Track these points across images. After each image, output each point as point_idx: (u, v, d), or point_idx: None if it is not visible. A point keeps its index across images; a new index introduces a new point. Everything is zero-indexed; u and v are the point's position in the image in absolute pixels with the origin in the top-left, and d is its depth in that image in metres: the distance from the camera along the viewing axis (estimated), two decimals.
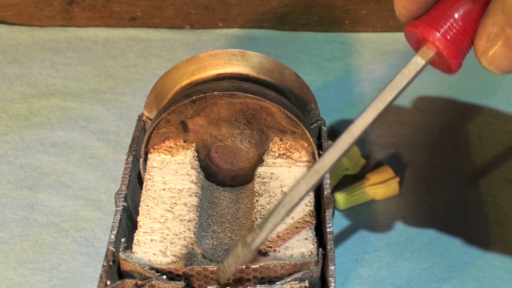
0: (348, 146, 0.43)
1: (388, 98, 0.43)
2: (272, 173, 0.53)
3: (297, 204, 0.44)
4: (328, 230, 0.49)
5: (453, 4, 0.41)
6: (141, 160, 0.54)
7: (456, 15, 0.41)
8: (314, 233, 0.49)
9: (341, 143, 0.43)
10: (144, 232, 0.49)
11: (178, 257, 0.47)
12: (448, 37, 0.41)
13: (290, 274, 0.46)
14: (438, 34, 0.41)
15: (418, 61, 0.42)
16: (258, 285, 0.46)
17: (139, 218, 0.50)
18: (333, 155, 0.43)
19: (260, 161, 0.54)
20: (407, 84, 0.42)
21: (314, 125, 0.56)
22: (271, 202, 0.51)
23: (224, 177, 0.56)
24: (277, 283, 0.46)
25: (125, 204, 0.50)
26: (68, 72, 0.76)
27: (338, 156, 0.43)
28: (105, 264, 0.47)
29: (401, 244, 0.58)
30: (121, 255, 0.47)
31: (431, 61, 0.42)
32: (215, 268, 0.46)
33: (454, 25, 0.41)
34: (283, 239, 0.48)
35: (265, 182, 0.52)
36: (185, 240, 0.48)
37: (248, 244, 0.45)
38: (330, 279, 0.46)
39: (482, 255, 0.57)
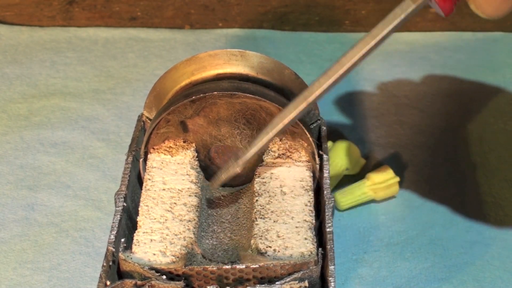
0: (337, 76, 0.44)
1: (379, 34, 0.44)
2: (272, 173, 0.53)
3: (285, 126, 0.47)
4: (328, 230, 0.49)
5: None
6: (141, 160, 0.54)
7: None
8: (314, 233, 0.49)
9: (331, 72, 0.44)
10: (143, 232, 0.49)
11: (177, 257, 0.47)
12: None
13: (289, 274, 0.46)
14: None
15: (410, 2, 0.43)
16: (258, 285, 0.46)
17: (139, 218, 0.50)
18: (322, 83, 0.45)
19: (260, 161, 0.54)
20: (398, 23, 0.43)
21: (314, 125, 0.56)
22: (271, 202, 0.51)
23: None
24: (276, 283, 0.46)
25: (125, 204, 0.50)
26: (68, 72, 0.76)
27: (327, 85, 0.44)
28: (105, 264, 0.47)
29: (401, 244, 0.58)
30: (121, 255, 0.47)
31: (423, 4, 0.43)
32: (215, 268, 0.46)
33: None
34: (283, 239, 0.48)
35: (265, 182, 0.52)
36: (184, 240, 0.48)
37: (239, 157, 0.49)
38: (330, 279, 0.46)
39: (482, 255, 0.57)
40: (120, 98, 0.73)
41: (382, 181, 0.61)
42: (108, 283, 0.46)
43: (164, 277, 0.46)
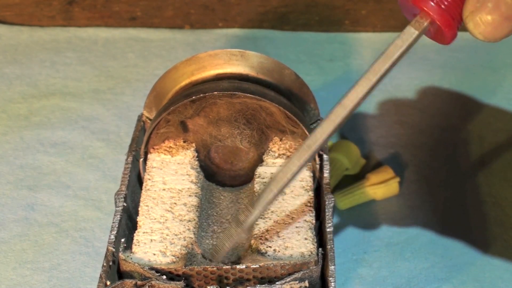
0: (340, 120, 0.42)
1: (381, 69, 0.41)
2: (272, 173, 0.53)
3: (289, 181, 0.43)
4: (328, 230, 0.49)
5: None
6: (141, 160, 0.54)
7: None
8: (314, 233, 0.49)
9: (333, 117, 0.42)
10: (144, 232, 0.49)
11: (178, 257, 0.47)
12: (442, 6, 0.40)
13: (290, 274, 0.46)
14: (431, 3, 0.40)
15: (411, 31, 0.41)
16: (258, 285, 0.46)
17: (139, 218, 0.50)
18: (325, 129, 0.42)
19: (260, 161, 0.54)
20: (400, 55, 0.41)
21: (314, 125, 0.56)
22: None
23: (224, 177, 0.56)
24: (277, 283, 0.46)
25: (125, 204, 0.50)
26: (68, 72, 0.76)
27: (330, 131, 0.42)
28: (104, 264, 0.47)
29: (401, 244, 0.58)
30: (121, 255, 0.47)
31: (425, 31, 0.41)
32: (215, 268, 0.46)
33: None
34: (283, 239, 0.48)
35: (265, 182, 0.52)
36: (185, 240, 0.48)
37: (241, 222, 0.44)
38: (330, 279, 0.46)
39: (482, 255, 0.57)
40: (120, 98, 0.73)
41: (382, 181, 0.61)
42: (108, 283, 0.46)
43: (164, 277, 0.46)
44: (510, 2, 0.38)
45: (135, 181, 0.54)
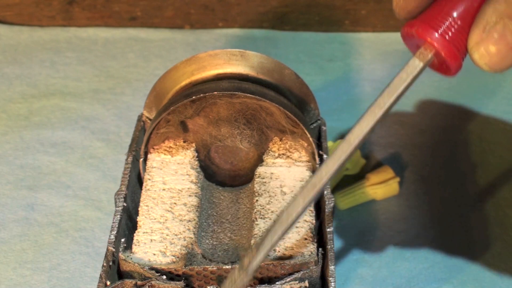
0: (346, 157, 0.40)
1: (386, 104, 0.40)
2: (272, 173, 0.53)
3: (294, 221, 0.41)
4: (328, 230, 0.49)
5: (451, 2, 0.39)
6: (141, 160, 0.54)
7: (454, 14, 0.39)
8: (314, 233, 0.49)
9: (339, 154, 0.40)
10: (144, 232, 0.49)
11: (178, 257, 0.47)
12: (447, 37, 0.39)
13: (290, 274, 0.46)
14: (436, 34, 0.39)
15: (416, 63, 0.40)
16: (258, 285, 0.46)
17: (139, 218, 0.50)
18: (330, 167, 0.40)
19: (260, 161, 0.54)
20: (405, 88, 0.40)
21: (314, 125, 0.56)
22: (271, 202, 0.51)
23: (224, 177, 0.56)
24: (277, 283, 0.46)
25: (125, 204, 0.50)
26: (68, 72, 0.76)
27: (336, 168, 0.40)
28: (105, 264, 0.47)
29: (401, 244, 0.58)
30: (121, 255, 0.47)
31: (429, 63, 0.40)
32: (215, 268, 0.46)
33: (453, 23, 0.39)
34: (283, 239, 0.48)
35: (265, 182, 0.52)
36: (185, 240, 0.48)
37: (245, 266, 0.42)
38: (330, 279, 0.46)
39: (482, 255, 0.57)
40: (120, 98, 0.73)
41: (382, 181, 0.61)
42: (108, 283, 0.46)
43: (164, 277, 0.46)
44: None
45: (135, 181, 0.54)
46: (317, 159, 0.53)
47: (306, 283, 0.46)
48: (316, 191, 0.41)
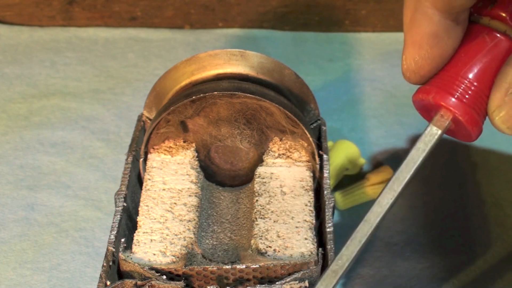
0: (366, 238, 0.39)
1: (406, 177, 0.39)
2: (272, 173, 0.53)
3: None
4: (328, 230, 0.49)
5: (466, 64, 0.37)
6: (141, 160, 0.54)
7: (470, 75, 0.36)
8: (314, 233, 0.49)
9: (359, 235, 0.39)
10: (144, 232, 0.49)
11: (178, 257, 0.47)
12: (464, 100, 0.36)
13: (290, 274, 0.46)
14: (453, 99, 0.36)
15: (433, 131, 0.38)
16: (258, 285, 0.46)
17: (139, 218, 0.50)
18: (350, 251, 0.39)
19: (260, 161, 0.54)
20: (424, 159, 0.39)
21: (314, 125, 0.56)
22: (271, 202, 0.51)
23: (224, 177, 0.56)
24: (277, 283, 0.46)
25: (125, 204, 0.50)
26: (68, 72, 0.76)
27: (356, 251, 0.39)
28: (105, 264, 0.47)
29: (401, 244, 0.58)
30: (121, 255, 0.47)
31: (447, 129, 0.38)
32: (215, 268, 0.46)
33: (469, 86, 0.36)
34: (283, 239, 0.48)
35: (265, 182, 0.52)
36: (185, 240, 0.48)
37: None
38: None
39: (482, 255, 0.57)
40: (120, 98, 0.73)
41: (382, 181, 0.61)
42: (108, 283, 0.46)
43: (164, 277, 0.46)
44: None
45: (135, 181, 0.54)
46: (317, 159, 0.53)
47: (306, 283, 0.46)
48: (337, 279, 0.39)
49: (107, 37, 0.81)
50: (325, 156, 0.53)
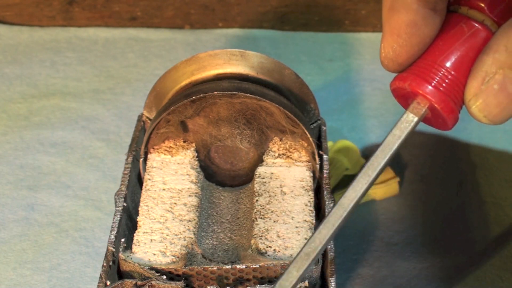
0: (340, 221, 0.38)
1: (380, 163, 0.38)
2: (272, 173, 0.53)
3: None
4: None
5: (443, 52, 0.37)
6: (141, 160, 0.54)
7: (447, 63, 0.37)
8: None
9: (332, 219, 0.39)
10: (144, 232, 0.49)
11: (178, 257, 0.47)
12: (441, 88, 0.37)
13: None
14: (429, 86, 0.37)
15: (410, 118, 0.38)
16: (258, 285, 0.46)
17: (139, 218, 0.50)
18: (324, 234, 0.39)
19: (260, 161, 0.54)
20: (399, 146, 0.38)
21: (314, 125, 0.56)
22: (271, 202, 0.51)
23: (224, 177, 0.56)
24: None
25: (125, 204, 0.50)
26: (68, 72, 0.76)
27: (330, 235, 0.38)
28: (105, 264, 0.47)
29: (401, 244, 0.58)
30: (121, 255, 0.47)
31: (423, 117, 0.38)
32: (215, 268, 0.46)
33: (446, 74, 0.37)
34: (283, 239, 0.48)
35: (265, 182, 0.52)
36: (185, 240, 0.48)
37: None
38: (330, 279, 0.46)
39: (482, 255, 0.57)
40: (120, 98, 0.73)
41: (382, 181, 0.61)
42: (108, 283, 0.46)
43: (164, 277, 0.46)
44: None
45: (135, 181, 0.54)
46: (317, 159, 0.53)
47: (306, 283, 0.46)
48: (310, 261, 0.39)
49: (107, 37, 0.81)
50: (325, 156, 0.54)
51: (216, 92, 0.51)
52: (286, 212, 0.50)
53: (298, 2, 0.83)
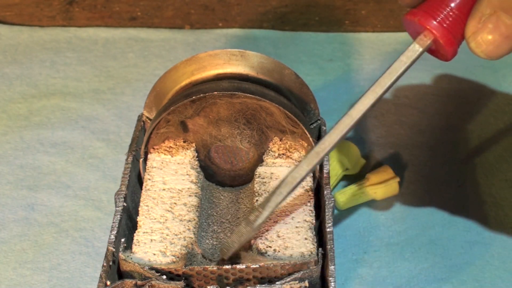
0: (347, 129, 0.45)
1: (387, 83, 0.45)
2: (272, 173, 0.53)
3: (298, 184, 0.46)
4: (328, 230, 0.49)
5: None
6: (141, 160, 0.54)
7: (452, 4, 0.43)
8: (314, 233, 0.49)
9: (341, 126, 0.45)
10: (144, 232, 0.49)
11: (178, 257, 0.47)
12: (445, 25, 0.43)
13: (290, 274, 0.46)
14: (435, 22, 0.43)
15: (416, 48, 0.44)
16: (258, 285, 0.46)
17: (139, 218, 0.50)
18: (333, 137, 0.45)
19: (260, 161, 0.54)
20: (404, 70, 0.44)
21: (314, 125, 0.56)
22: None
23: (224, 177, 0.56)
24: (277, 283, 0.46)
25: (125, 204, 0.50)
26: (68, 72, 0.76)
27: (338, 139, 0.45)
28: (105, 264, 0.47)
29: (401, 244, 0.58)
30: (121, 255, 0.47)
31: (428, 48, 0.44)
32: (215, 268, 0.46)
33: (451, 13, 0.43)
34: (283, 239, 0.48)
35: (265, 182, 0.52)
36: (185, 240, 0.48)
37: (251, 222, 0.47)
38: (330, 279, 0.46)
39: (482, 255, 0.57)
40: (120, 98, 0.73)
41: (382, 181, 0.61)
42: (108, 283, 0.46)
43: (164, 277, 0.46)
44: (509, 22, 0.41)
45: (135, 181, 0.54)
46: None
47: (306, 283, 0.46)
48: (319, 159, 0.46)
49: (107, 37, 0.81)
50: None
51: (216, 92, 0.51)
52: (286, 212, 0.50)
53: (298, 2, 0.83)
